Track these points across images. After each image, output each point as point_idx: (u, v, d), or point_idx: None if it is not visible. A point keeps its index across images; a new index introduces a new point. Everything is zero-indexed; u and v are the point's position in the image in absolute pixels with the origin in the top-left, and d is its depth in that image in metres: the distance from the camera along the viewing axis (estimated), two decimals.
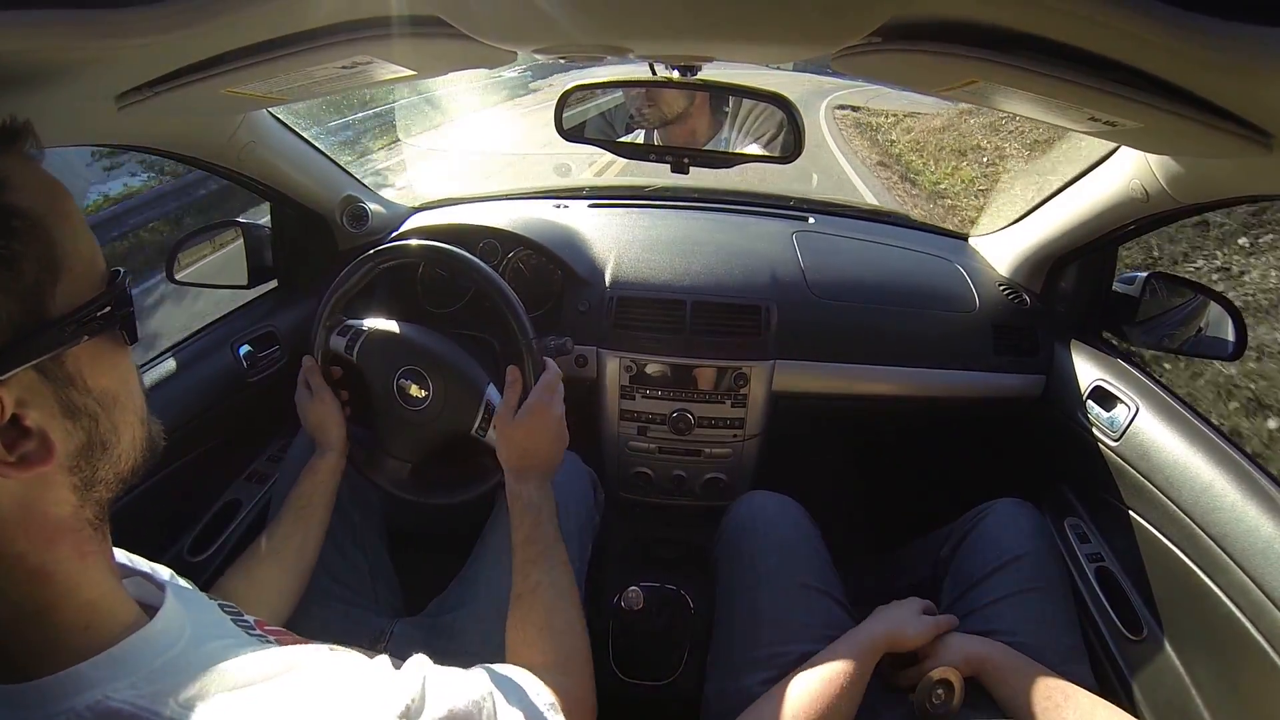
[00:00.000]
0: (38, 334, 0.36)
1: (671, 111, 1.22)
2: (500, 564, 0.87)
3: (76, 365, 0.39)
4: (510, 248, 1.24)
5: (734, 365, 1.14)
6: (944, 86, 0.65)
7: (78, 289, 0.39)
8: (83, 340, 0.39)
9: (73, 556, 0.39)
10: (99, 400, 0.40)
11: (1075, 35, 0.48)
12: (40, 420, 0.37)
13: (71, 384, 0.38)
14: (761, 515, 0.94)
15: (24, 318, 0.36)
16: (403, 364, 0.94)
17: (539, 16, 0.54)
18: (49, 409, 0.37)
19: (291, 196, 1.21)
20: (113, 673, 0.37)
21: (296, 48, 0.58)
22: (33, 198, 0.37)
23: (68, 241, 0.39)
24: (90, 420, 0.40)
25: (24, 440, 0.36)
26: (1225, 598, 0.78)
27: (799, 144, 0.96)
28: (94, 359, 0.40)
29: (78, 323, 0.38)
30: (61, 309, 0.38)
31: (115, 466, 0.42)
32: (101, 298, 0.40)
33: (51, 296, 0.37)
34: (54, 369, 0.38)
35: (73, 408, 0.39)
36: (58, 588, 0.38)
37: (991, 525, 0.92)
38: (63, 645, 0.37)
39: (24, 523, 0.37)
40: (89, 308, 0.39)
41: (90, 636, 0.38)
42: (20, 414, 0.36)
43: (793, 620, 0.82)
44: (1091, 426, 1.05)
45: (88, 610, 0.39)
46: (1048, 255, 1.18)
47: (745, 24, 0.54)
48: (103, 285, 0.41)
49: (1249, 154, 0.58)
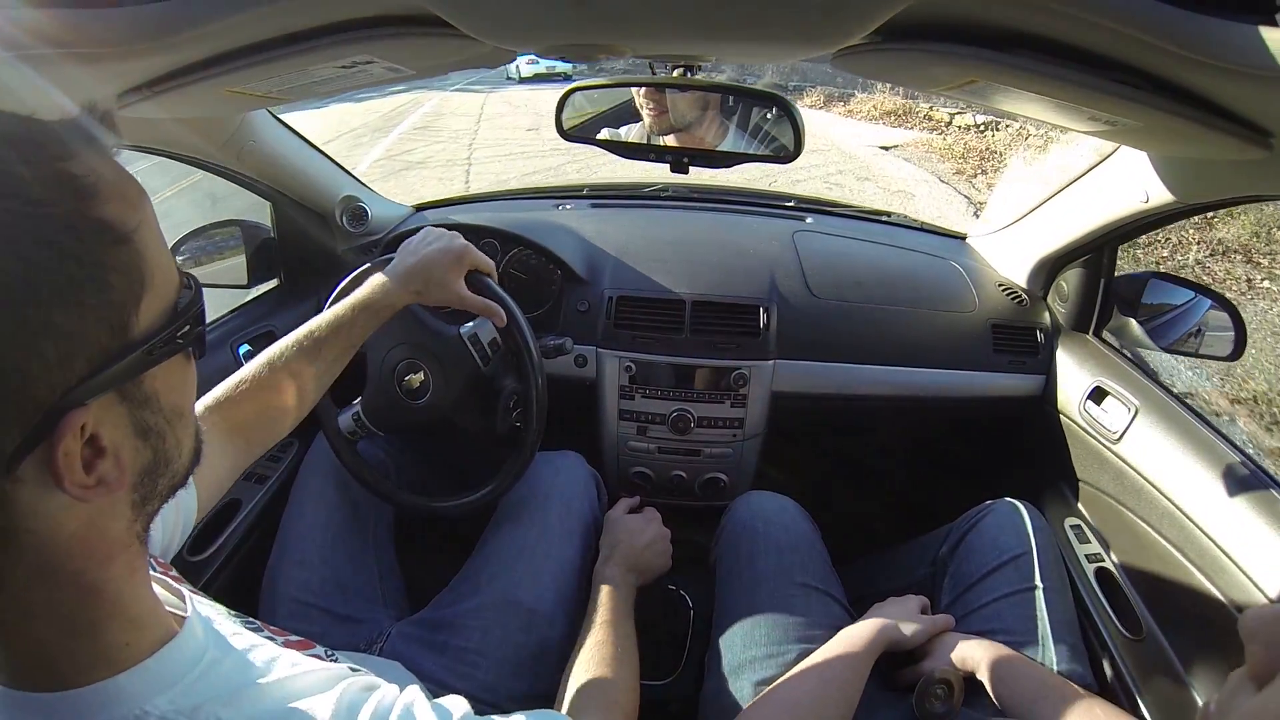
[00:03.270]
0: (122, 356, 0.34)
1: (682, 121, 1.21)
2: (501, 561, 0.88)
3: (153, 385, 0.37)
4: (509, 247, 1.24)
5: (733, 365, 1.14)
6: (944, 86, 0.65)
7: (159, 305, 0.37)
8: (163, 362, 0.37)
9: (124, 574, 0.38)
10: (167, 418, 0.38)
11: (1075, 34, 0.48)
12: (115, 440, 0.35)
13: (147, 404, 0.37)
14: (761, 515, 0.94)
15: (110, 340, 0.34)
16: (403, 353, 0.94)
17: (538, 16, 0.55)
18: (123, 429, 0.36)
19: (291, 196, 1.21)
20: (150, 686, 0.37)
21: (296, 47, 0.58)
22: (124, 208, 0.34)
23: (152, 254, 0.36)
24: (158, 438, 0.38)
25: (100, 461, 0.34)
26: (1225, 598, 0.78)
27: (799, 144, 0.96)
28: (167, 377, 0.38)
29: (161, 343, 0.36)
30: (145, 328, 0.35)
31: (171, 480, 0.40)
32: (182, 316, 0.38)
33: (136, 315, 0.35)
34: (132, 390, 0.36)
35: (145, 427, 0.37)
36: (107, 604, 0.37)
37: (990, 525, 0.92)
38: (103, 658, 0.37)
39: (86, 541, 0.36)
40: (170, 327, 0.37)
41: (130, 651, 0.38)
42: (98, 434, 0.34)
43: (792, 620, 0.82)
44: (1091, 426, 1.05)
45: (131, 626, 0.38)
46: (1047, 255, 1.18)
47: (744, 24, 0.54)
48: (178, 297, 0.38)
49: (1249, 154, 0.58)
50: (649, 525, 0.96)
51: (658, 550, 0.95)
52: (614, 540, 0.92)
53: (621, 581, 0.86)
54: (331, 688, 0.43)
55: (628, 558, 0.90)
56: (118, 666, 0.36)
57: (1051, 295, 1.22)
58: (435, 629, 0.84)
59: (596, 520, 0.99)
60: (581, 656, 0.74)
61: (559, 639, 0.84)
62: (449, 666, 0.80)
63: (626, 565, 0.89)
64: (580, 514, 0.95)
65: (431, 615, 0.86)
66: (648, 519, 0.97)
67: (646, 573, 0.92)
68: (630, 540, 0.92)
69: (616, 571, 0.87)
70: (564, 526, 0.92)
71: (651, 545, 0.94)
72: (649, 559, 0.93)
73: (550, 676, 0.81)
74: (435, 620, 0.85)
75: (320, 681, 0.43)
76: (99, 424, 0.34)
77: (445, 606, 0.86)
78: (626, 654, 0.75)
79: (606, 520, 0.96)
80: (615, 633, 0.77)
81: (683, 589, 1.11)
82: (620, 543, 0.91)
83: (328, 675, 0.44)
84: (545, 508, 0.93)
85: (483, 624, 0.82)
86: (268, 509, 1.10)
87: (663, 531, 0.97)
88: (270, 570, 0.91)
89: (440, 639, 0.82)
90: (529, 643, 0.82)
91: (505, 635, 0.82)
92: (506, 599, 0.84)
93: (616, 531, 0.93)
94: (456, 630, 0.82)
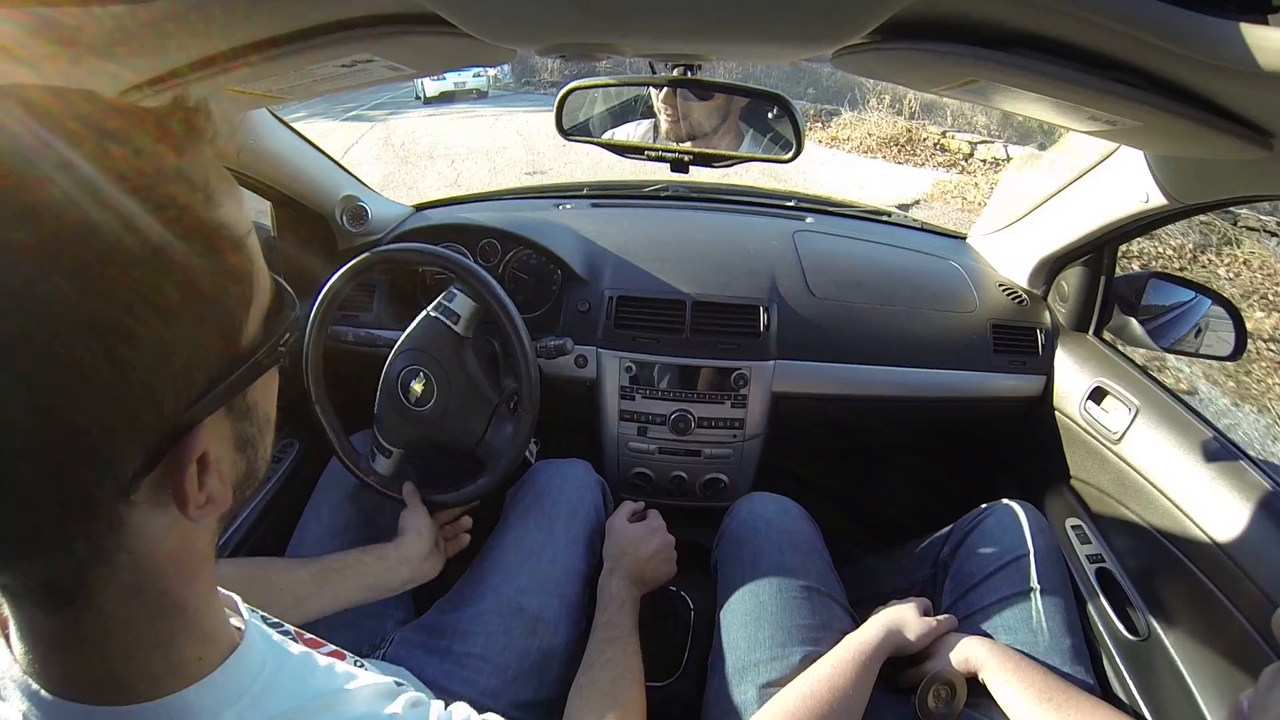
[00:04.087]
0: (235, 368, 0.32)
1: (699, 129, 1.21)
2: (505, 568, 0.87)
3: (253, 398, 0.35)
4: (509, 247, 1.24)
5: (734, 365, 1.14)
6: (944, 85, 0.65)
7: (262, 313, 0.35)
8: (268, 371, 0.35)
9: (205, 590, 0.37)
10: (260, 427, 0.37)
11: (1075, 34, 0.48)
12: (219, 455, 0.34)
13: (248, 415, 0.35)
14: (762, 516, 0.94)
15: (226, 350, 0.32)
16: (404, 361, 0.95)
17: (538, 15, 0.55)
18: (226, 443, 0.34)
19: (291, 195, 1.21)
20: (217, 699, 0.36)
21: (297, 46, 0.58)
22: (236, 211, 0.32)
23: (258, 261, 0.34)
24: (253, 450, 0.37)
25: (208, 478, 0.33)
26: (1226, 599, 0.78)
27: (799, 143, 0.96)
28: (265, 387, 0.37)
29: (267, 353, 0.34)
30: (252, 338, 0.34)
31: (253, 489, 0.39)
32: (285, 323, 0.36)
33: (245, 325, 0.33)
34: (238, 403, 0.34)
35: (244, 439, 0.36)
36: (187, 620, 0.36)
37: (992, 526, 0.92)
38: (174, 672, 0.36)
39: (178, 560, 0.35)
40: (274, 336, 0.35)
41: (201, 665, 0.37)
42: (206, 450, 0.32)
43: (794, 621, 0.82)
44: (1091, 427, 1.05)
45: (205, 640, 0.37)
46: (1048, 255, 1.18)
47: (744, 23, 0.54)
48: (273, 307, 0.36)
49: (1249, 154, 0.58)
50: (653, 535, 0.94)
51: (662, 559, 0.94)
52: (617, 552, 0.91)
53: (626, 596, 0.86)
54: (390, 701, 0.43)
55: (631, 570, 0.89)
56: (187, 680, 0.36)
57: (1052, 295, 1.22)
58: (438, 634, 0.83)
59: (603, 528, 0.99)
60: (590, 676, 0.74)
61: (564, 646, 0.83)
62: (451, 672, 0.79)
63: (631, 578, 0.88)
64: (586, 521, 0.95)
65: (434, 620, 0.86)
66: (651, 528, 0.96)
67: (651, 584, 0.92)
68: (634, 552, 0.91)
69: (621, 585, 0.87)
70: (570, 534, 0.92)
71: (656, 555, 0.93)
72: (653, 569, 0.92)
73: (554, 683, 0.81)
74: (438, 626, 0.85)
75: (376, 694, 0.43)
76: (210, 441, 0.32)
77: (448, 611, 0.86)
78: (633, 671, 0.75)
79: (608, 528, 0.95)
80: (622, 650, 0.77)
81: (683, 590, 1.11)
82: (624, 555, 0.90)
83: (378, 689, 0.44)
84: (551, 514, 0.93)
85: (486, 630, 0.82)
86: (268, 508, 1.10)
87: (667, 540, 0.96)
88: None
89: (443, 644, 0.82)
90: (533, 649, 0.82)
91: (509, 641, 0.81)
92: (511, 605, 0.84)
93: (620, 542, 0.92)
94: (459, 636, 0.82)
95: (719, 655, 0.84)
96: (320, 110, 12.18)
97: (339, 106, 13.00)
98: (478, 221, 1.26)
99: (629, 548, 0.91)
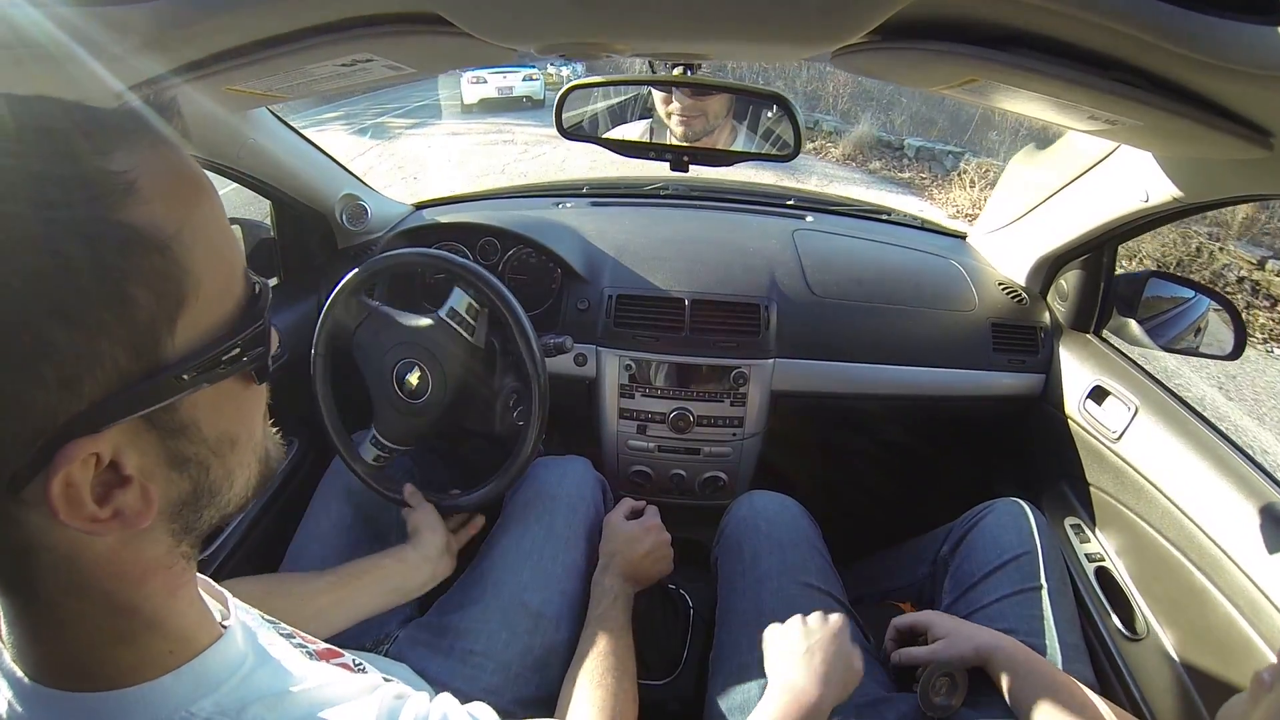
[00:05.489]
0: (147, 380, 0.30)
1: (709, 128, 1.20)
2: (507, 565, 0.87)
3: (191, 413, 0.33)
4: (509, 246, 1.24)
5: (733, 364, 1.14)
6: (944, 85, 0.65)
7: (204, 322, 0.32)
8: (201, 388, 0.32)
9: (163, 593, 0.36)
10: (213, 448, 0.34)
11: (1075, 34, 0.48)
12: (144, 469, 0.31)
13: (183, 433, 0.33)
14: (761, 514, 0.94)
15: (132, 362, 0.29)
16: (397, 354, 0.95)
17: (537, 14, 0.55)
18: (153, 457, 0.32)
19: (291, 194, 1.21)
20: (195, 689, 0.36)
21: (296, 45, 0.58)
22: (164, 210, 0.30)
23: (199, 265, 0.31)
24: (200, 469, 0.34)
25: (120, 491, 0.31)
26: (1225, 598, 0.78)
27: (798, 142, 0.96)
28: (214, 404, 0.34)
29: (198, 370, 0.32)
30: (181, 349, 0.31)
31: (221, 510, 0.37)
32: (228, 337, 0.33)
33: (170, 335, 0.30)
34: (163, 417, 0.31)
35: (181, 457, 0.33)
36: (144, 620, 0.35)
37: (991, 524, 0.92)
38: (146, 663, 0.35)
39: (116, 564, 0.33)
40: (211, 351, 0.32)
41: (173, 658, 0.36)
42: (119, 462, 0.30)
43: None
44: (1091, 426, 1.05)
45: (173, 638, 0.36)
46: (1047, 254, 1.18)
47: (743, 22, 0.54)
48: (237, 312, 0.34)
49: (1249, 154, 0.58)
50: (648, 533, 0.94)
51: (657, 558, 0.93)
52: (612, 549, 0.91)
53: (620, 592, 0.85)
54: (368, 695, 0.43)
55: (625, 567, 0.89)
56: (161, 670, 0.35)
57: (1051, 294, 1.22)
58: (441, 633, 0.83)
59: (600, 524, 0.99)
60: (582, 668, 0.74)
61: (565, 642, 0.84)
62: (454, 670, 0.79)
63: (624, 575, 0.88)
64: (586, 518, 0.95)
65: (438, 619, 0.86)
66: (646, 526, 0.95)
67: (645, 581, 0.91)
68: (629, 550, 0.91)
69: (616, 582, 0.87)
70: (570, 530, 0.92)
71: (651, 554, 0.92)
72: (647, 567, 0.92)
73: (556, 680, 0.81)
74: (442, 624, 0.85)
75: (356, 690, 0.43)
76: (121, 451, 0.30)
77: (451, 610, 0.86)
78: (625, 665, 0.75)
79: (606, 525, 0.95)
80: (614, 644, 0.77)
81: (683, 588, 1.11)
82: (619, 552, 0.90)
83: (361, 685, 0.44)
84: (552, 511, 0.93)
85: (489, 627, 0.82)
86: (268, 506, 1.10)
87: (663, 538, 0.95)
88: (286, 568, 0.91)
89: (446, 642, 0.82)
90: (535, 646, 0.82)
91: (512, 638, 0.82)
92: (513, 602, 0.84)
93: (615, 539, 0.92)
94: (463, 633, 0.82)
95: (719, 653, 0.84)
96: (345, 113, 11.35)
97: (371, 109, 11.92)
98: (477, 220, 1.26)
99: (624, 544, 0.91)
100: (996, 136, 8.07)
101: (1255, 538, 0.76)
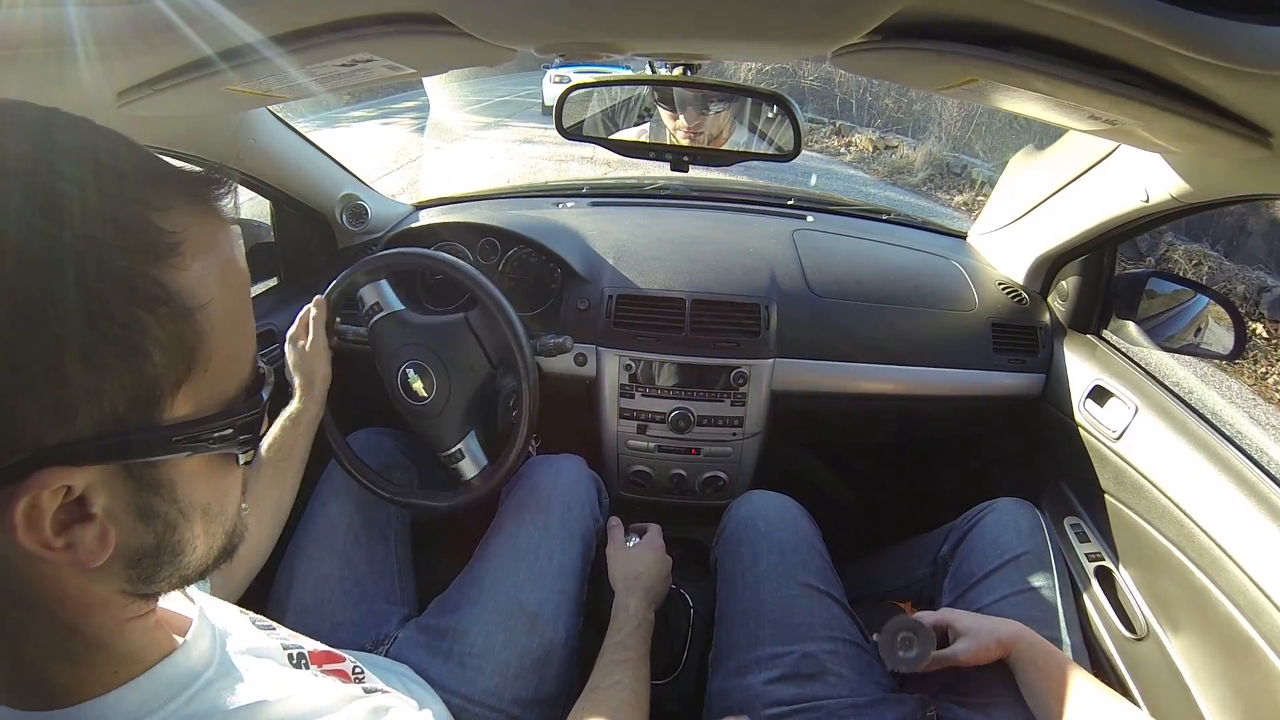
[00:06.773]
0: (139, 433, 0.31)
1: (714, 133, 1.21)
2: (503, 566, 0.88)
3: (169, 475, 0.33)
4: (509, 246, 1.24)
5: (733, 364, 1.14)
6: (944, 85, 0.65)
7: (206, 394, 0.33)
8: (184, 455, 0.33)
9: (109, 623, 0.35)
10: (183, 511, 0.35)
11: (1075, 33, 0.48)
12: (111, 512, 0.32)
13: (157, 489, 0.33)
14: (761, 514, 0.94)
15: (129, 411, 0.30)
16: (407, 354, 0.95)
17: (538, 14, 0.55)
18: (122, 504, 0.32)
19: (291, 194, 1.21)
20: (140, 706, 0.35)
21: (296, 45, 0.58)
22: (199, 280, 0.31)
23: (216, 341, 0.32)
24: (166, 527, 0.34)
25: (80, 526, 0.31)
26: (1225, 598, 0.78)
27: (798, 142, 0.96)
28: (195, 472, 0.35)
29: (188, 438, 0.33)
30: (178, 414, 0.32)
31: (180, 572, 0.37)
32: (224, 415, 0.34)
33: (171, 397, 0.31)
34: (142, 470, 0.32)
35: (150, 511, 0.33)
36: (85, 642, 0.35)
37: (991, 524, 0.92)
38: (91, 681, 0.35)
39: (59, 590, 0.33)
40: (206, 424, 0.33)
41: (119, 677, 0.36)
42: (88, 499, 0.31)
43: (794, 620, 0.82)
44: (1091, 425, 1.05)
45: (118, 659, 0.36)
46: (1047, 254, 1.18)
47: (743, 23, 0.54)
48: (239, 395, 0.35)
49: (1249, 153, 0.58)
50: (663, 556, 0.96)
51: (668, 577, 0.96)
52: (636, 570, 0.91)
53: (644, 619, 0.85)
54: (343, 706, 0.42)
55: (649, 591, 0.90)
56: (104, 688, 0.35)
57: (1052, 294, 1.22)
58: (440, 635, 0.83)
59: (598, 523, 0.99)
60: (594, 698, 0.73)
61: (562, 642, 0.84)
62: (453, 672, 0.80)
63: (649, 599, 0.89)
64: (581, 517, 0.95)
65: (435, 620, 0.86)
66: (654, 546, 0.97)
67: (658, 602, 0.93)
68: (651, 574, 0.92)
69: (640, 606, 0.87)
70: (565, 529, 0.92)
71: (668, 577, 0.96)
72: (662, 588, 0.94)
73: (554, 680, 0.82)
74: (440, 626, 0.85)
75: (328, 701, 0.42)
76: (92, 489, 0.31)
77: (448, 612, 0.86)
78: (639, 697, 0.75)
79: (612, 555, 0.95)
80: (631, 674, 0.77)
81: (683, 588, 1.11)
82: (642, 574, 0.91)
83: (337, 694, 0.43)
84: (546, 510, 0.93)
85: (486, 629, 0.82)
86: None
87: (667, 557, 0.98)
88: (285, 566, 0.91)
89: (444, 645, 0.82)
90: (533, 646, 0.82)
91: (510, 639, 0.82)
92: (510, 603, 0.84)
93: (634, 565, 0.92)
94: (460, 635, 0.82)
95: (720, 653, 0.84)
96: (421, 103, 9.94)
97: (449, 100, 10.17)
98: (477, 220, 1.26)
99: (646, 571, 0.92)
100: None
101: (1256, 537, 0.76)
